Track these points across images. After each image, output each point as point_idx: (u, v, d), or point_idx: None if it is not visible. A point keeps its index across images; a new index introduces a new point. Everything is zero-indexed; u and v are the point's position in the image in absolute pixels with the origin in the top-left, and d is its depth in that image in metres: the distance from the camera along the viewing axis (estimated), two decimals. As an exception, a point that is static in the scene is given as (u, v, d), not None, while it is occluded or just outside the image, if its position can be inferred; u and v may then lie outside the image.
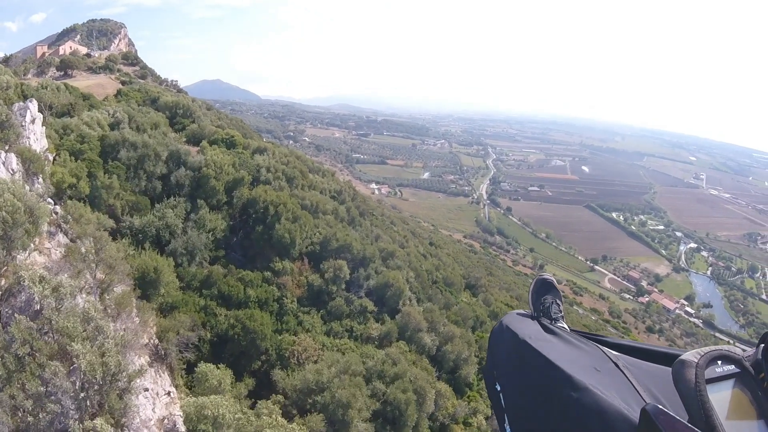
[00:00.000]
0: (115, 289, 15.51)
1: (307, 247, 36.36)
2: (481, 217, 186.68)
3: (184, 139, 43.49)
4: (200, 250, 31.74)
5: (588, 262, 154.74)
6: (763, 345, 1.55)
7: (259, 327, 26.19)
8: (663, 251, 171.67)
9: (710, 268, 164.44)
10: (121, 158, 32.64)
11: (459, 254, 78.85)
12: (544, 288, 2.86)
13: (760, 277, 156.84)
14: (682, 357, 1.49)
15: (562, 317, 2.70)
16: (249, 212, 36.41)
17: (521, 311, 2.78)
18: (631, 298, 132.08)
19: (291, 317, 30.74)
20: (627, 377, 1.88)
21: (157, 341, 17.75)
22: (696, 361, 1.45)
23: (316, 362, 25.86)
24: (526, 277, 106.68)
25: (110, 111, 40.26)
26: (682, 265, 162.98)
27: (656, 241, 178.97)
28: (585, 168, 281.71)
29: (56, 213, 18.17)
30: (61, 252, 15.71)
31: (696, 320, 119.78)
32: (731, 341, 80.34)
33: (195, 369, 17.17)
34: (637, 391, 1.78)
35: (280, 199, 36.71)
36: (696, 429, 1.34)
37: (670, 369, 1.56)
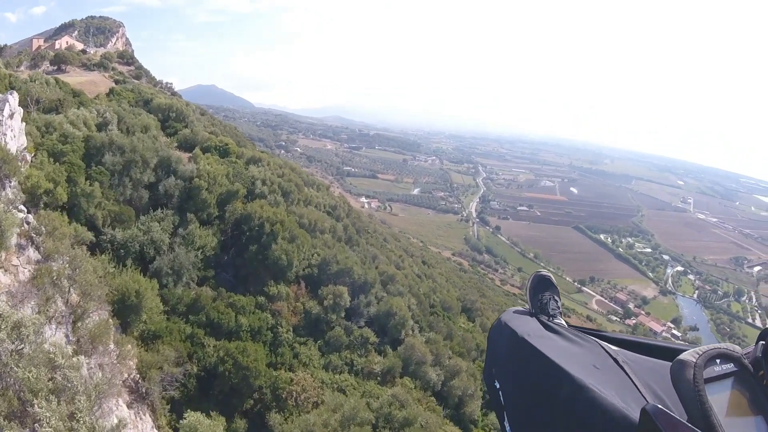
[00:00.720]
0: (91, 315, 14.16)
1: (304, 270, 34.40)
2: (470, 235, 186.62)
3: (176, 145, 41.88)
4: (188, 269, 29.37)
5: (576, 284, 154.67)
6: (762, 342, 1.54)
7: (253, 363, 24.31)
8: (650, 274, 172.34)
9: (697, 292, 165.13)
10: (106, 163, 29.90)
11: (450, 274, 78.07)
12: (541, 284, 2.82)
13: (747, 301, 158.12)
14: (681, 357, 1.46)
15: (560, 313, 2.68)
16: (243, 229, 34.26)
17: (519, 308, 2.75)
18: (619, 320, 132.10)
19: (286, 349, 28.66)
20: (626, 373, 1.84)
21: (137, 377, 16.20)
22: (694, 360, 1.43)
23: (316, 405, 24.31)
24: (515, 297, 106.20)
25: (99, 110, 38.00)
26: (669, 288, 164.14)
27: (644, 263, 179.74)
28: (574, 189, 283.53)
29: (28, 223, 16.31)
30: (30, 271, 14.07)
31: (683, 343, 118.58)
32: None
33: (182, 415, 15.28)
34: (637, 388, 1.74)
35: (277, 217, 34.71)
36: (696, 429, 1.33)
37: (670, 363, 1.59)
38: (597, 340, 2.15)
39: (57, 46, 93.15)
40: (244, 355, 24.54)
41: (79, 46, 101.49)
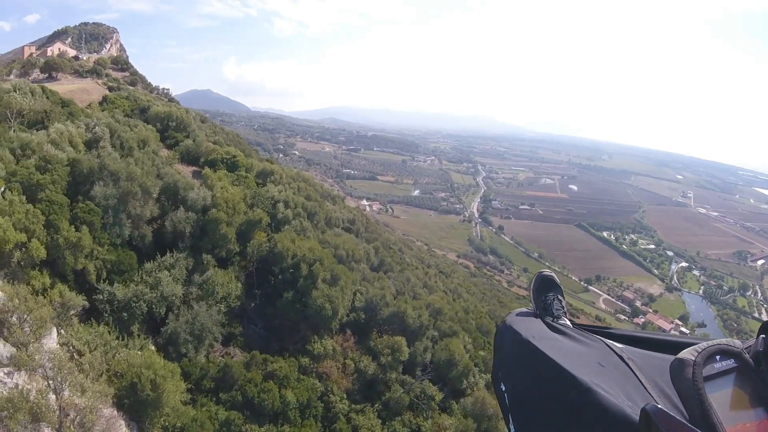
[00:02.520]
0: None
1: (348, 315, 29.62)
2: (473, 236, 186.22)
3: (178, 157, 38.81)
4: (210, 331, 24.22)
5: (582, 283, 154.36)
6: (763, 336, 1.53)
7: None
8: (655, 271, 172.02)
9: (702, 287, 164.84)
10: (97, 197, 24.19)
11: (466, 282, 77.02)
12: (545, 285, 2.77)
13: (752, 296, 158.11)
14: (680, 355, 1.46)
15: (565, 313, 2.63)
16: (271, 269, 29.25)
17: (524, 309, 2.73)
18: (627, 318, 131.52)
19: (342, 423, 24.01)
20: (632, 370, 1.82)
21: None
22: (693, 359, 1.42)
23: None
24: (526, 301, 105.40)
25: (88, 123, 33.40)
26: (675, 285, 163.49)
27: (648, 260, 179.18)
28: (574, 186, 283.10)
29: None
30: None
31: (688, 336, 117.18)
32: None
33: None
34: (643, 385, 1.73)
35: (314, 254, 29.46)
36: (695, 429, 1.33)
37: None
38: (602, 338, 2.11)
39: (48, 53, 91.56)
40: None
41: (72, 52, 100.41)
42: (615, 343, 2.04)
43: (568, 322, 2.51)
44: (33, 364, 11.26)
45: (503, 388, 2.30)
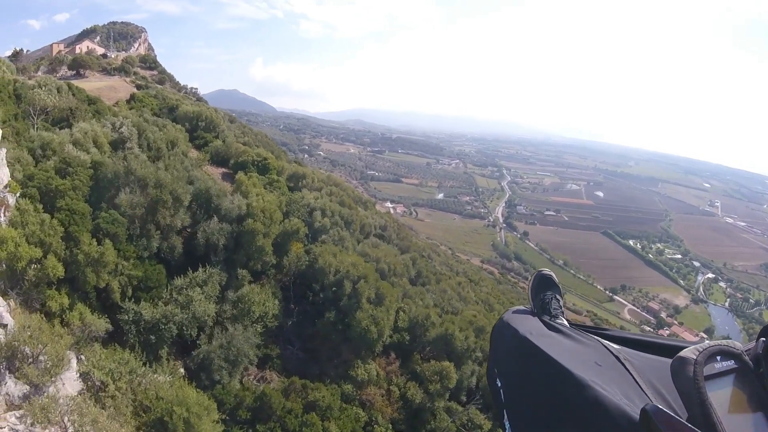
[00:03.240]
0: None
1: (392, 336, 27.49)
2: (497, 242, 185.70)
3: (208, 158, 38.15)
4: (246, 355, 22.49)
5: (607, 292, 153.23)
6: (763, 339, 1.55)
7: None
8: (681, 281, 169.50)
9: (728, 300, 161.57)
10: (122, 205, 22.17)
11: (495, 290, 77.45)
12: (543, 283, 2.84)
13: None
14: (681, 354, 1.47)
15: (562, 313, 2.69)
16: (309, 284, 27.22)
17: (521, 307, 2.80)
18: (652, 330, 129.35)
19: None
20: (629, 371, 1.86)
21: None
22: (695, 357, 1.43)
23: None
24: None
25: (115, 123, 31.75)
26: (701, 297, 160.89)
27: (674, 270, 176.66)
28: (600, 193, 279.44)
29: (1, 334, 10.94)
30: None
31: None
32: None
33: None
34: (639, 386, 1.76)
35: (358, 270, 27.58)
36: (695, 429, 1.32)
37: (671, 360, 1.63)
38: (599, 339, 2.17)
39: (77, 51, 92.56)
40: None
41: (100, 50, 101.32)
42: (612, 344, 2.08)
43: (566, 322, 2.56)
44: (48, 418, 9.42)
45: (499, 384, 2.33)
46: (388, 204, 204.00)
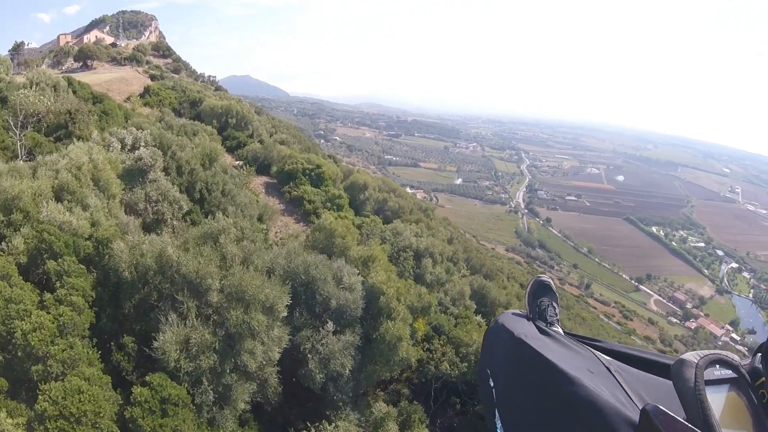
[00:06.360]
0: None
1: None
2: (520, 228, 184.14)
3: (253, 171, 32.58)
4: None
5: (633, 281, 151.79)
6: (760, 354, 1.59)
7: None
8: (705, 271, 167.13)
9: (752, 291, 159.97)
10: (168, 359, 11.98)
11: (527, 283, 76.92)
12: (541, 290, 2.82)
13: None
14: (683, 356, 1.52)
15: (557, 321, 2.70)
16: (458, 389, 18.90)
17: (517, 311, 2.78)
18: (678, 322, 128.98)
19: None
20: (618, 381, 1.89)
21: None
22: (696, 361, 1.47)
23: None
24: (589, 307, 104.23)
25: (124, 139, 22.73)
26: (725, 287, 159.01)
27: (698, 259, 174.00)
28: (620, 177, 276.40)
29: None
30: None
31: (742, 347, 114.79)
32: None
33: None
34: (629, 396, 1.79)
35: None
36: (695, 429, 1.36)
37: (659, 377, 1.83)
38: (591, 349, 2.22)
39: (85, 41, 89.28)
40: None
41: (109, 39, 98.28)
42: (603, 356, 2.12)
43: (561, 330, 2.59)
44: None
45: (492, 384, 2.37)
46: (408, 189, 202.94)
